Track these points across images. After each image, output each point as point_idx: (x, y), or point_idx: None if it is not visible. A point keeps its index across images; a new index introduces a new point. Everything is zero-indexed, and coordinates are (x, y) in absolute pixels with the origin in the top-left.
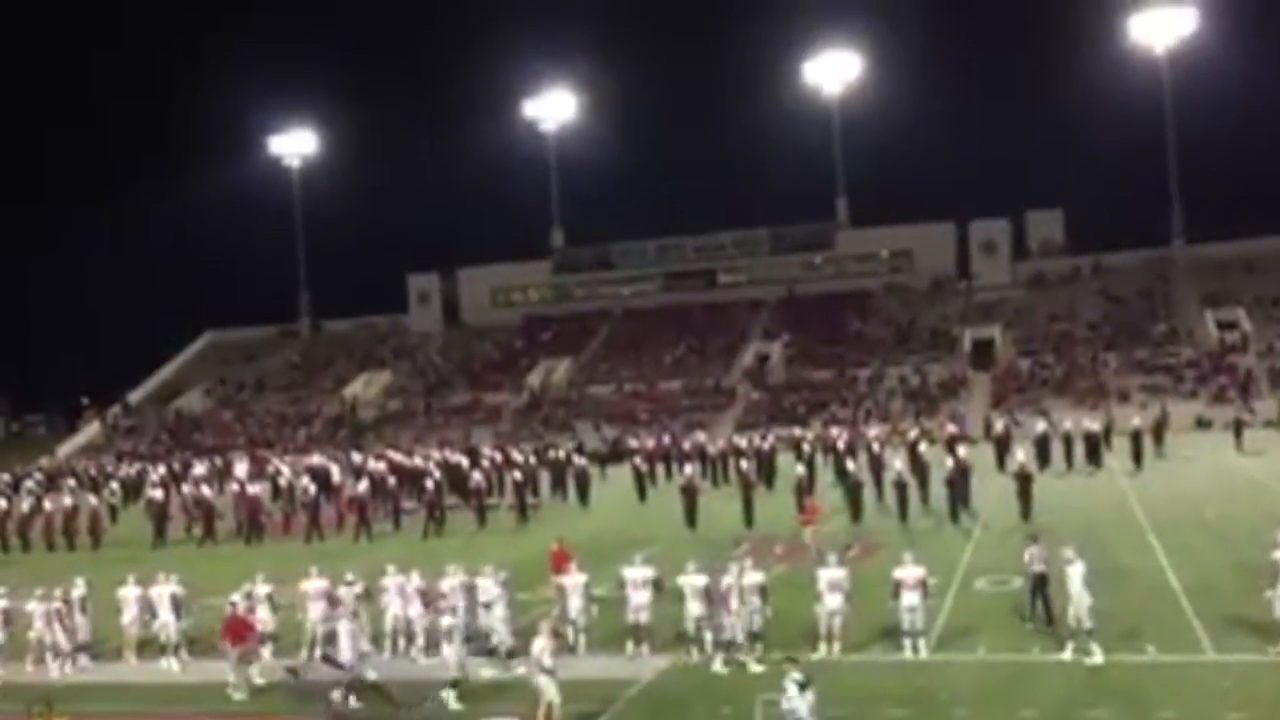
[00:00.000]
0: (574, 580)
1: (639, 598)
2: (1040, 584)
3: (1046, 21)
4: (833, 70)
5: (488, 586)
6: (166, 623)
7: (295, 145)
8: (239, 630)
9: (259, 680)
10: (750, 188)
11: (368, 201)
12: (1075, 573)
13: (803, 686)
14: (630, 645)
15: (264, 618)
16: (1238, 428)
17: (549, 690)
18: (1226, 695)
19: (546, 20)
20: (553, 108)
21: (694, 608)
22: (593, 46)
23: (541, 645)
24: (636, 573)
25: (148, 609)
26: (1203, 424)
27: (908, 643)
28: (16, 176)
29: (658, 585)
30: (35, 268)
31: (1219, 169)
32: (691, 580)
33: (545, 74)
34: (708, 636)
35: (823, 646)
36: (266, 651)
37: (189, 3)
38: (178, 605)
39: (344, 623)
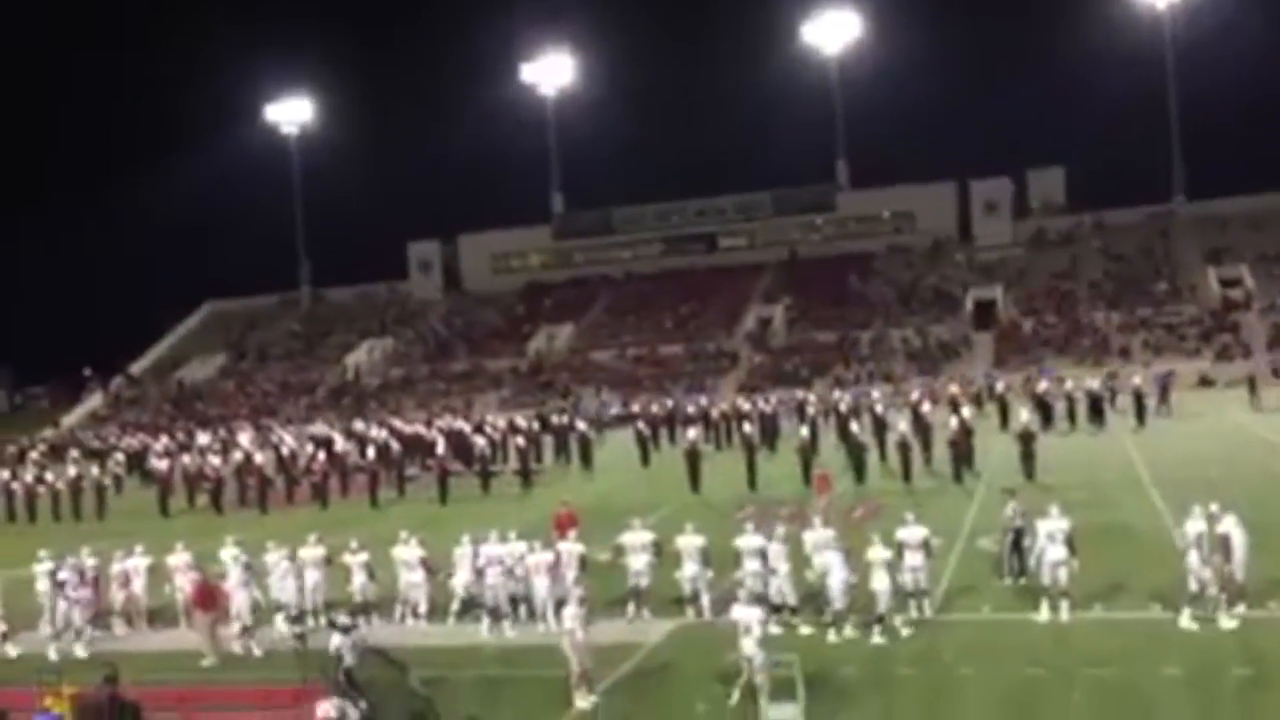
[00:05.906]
0: (569, 549)
1: (639, 562)
2: (1018, 538)
3: None
4: (832, 31)
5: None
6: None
7: (292, 113)
8: (208, 598)
9: (235, 648)
10: (751, 150)
11: (366, 169)
12: (1043, 528)
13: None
14: (631, 609)
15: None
16: (1252, 385)
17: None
18: (1233, 652)
19: None
20: (551, 71)
21: (690, 568)
22: (590, 9)
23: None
24: (635, 537)
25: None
26: (1206, 382)
27: (912, 603)
28: (15, 151)
29: (657, 549)
30: (35, 239)
31: (1221, 125)
32: (691, 540)
33: (543, 37)
34: (705, 598)
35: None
36: (279, 619)
37: None
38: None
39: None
